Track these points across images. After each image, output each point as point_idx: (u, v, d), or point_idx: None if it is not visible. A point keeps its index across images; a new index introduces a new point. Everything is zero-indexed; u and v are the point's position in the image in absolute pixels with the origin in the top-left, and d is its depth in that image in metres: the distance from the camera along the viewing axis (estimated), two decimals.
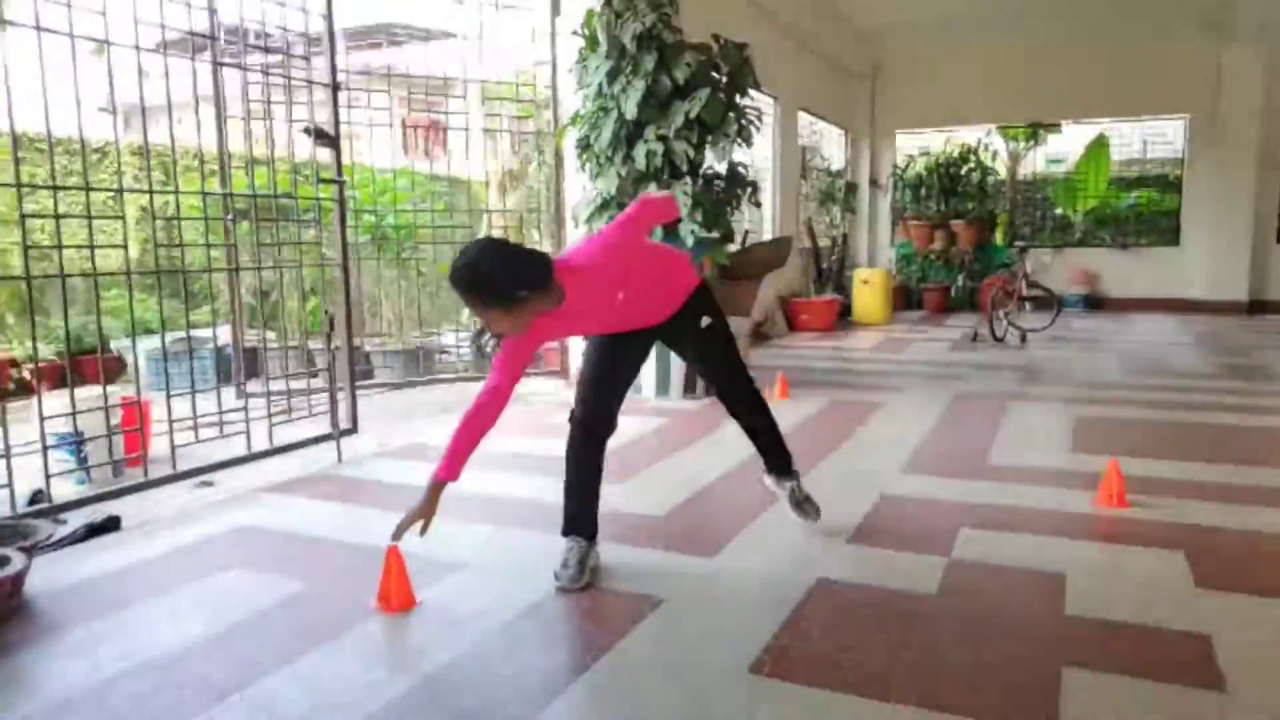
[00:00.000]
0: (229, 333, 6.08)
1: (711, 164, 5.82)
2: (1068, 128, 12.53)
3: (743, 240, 7.07)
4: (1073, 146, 12.73)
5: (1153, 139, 12.47)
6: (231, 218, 5.06)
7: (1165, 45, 10.98)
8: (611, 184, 5.53)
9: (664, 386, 5.62)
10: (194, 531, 3.28)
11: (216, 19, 4.49)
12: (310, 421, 4.45)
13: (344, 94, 5.90)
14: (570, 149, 5.97)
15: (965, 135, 12.52)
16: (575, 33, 5.72)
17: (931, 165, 12.32)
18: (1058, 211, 12.75)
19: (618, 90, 5.46)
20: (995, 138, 12.65)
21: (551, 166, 6.45)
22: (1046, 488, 3.70)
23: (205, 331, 6.45)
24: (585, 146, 5.70)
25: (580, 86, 5.72)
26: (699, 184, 5.61)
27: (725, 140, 5.52)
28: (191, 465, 3.83)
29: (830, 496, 3.60)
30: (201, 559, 3.01)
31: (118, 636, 2.44)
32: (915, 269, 12.14)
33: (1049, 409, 5.34)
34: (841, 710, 2.01)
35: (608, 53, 5.49)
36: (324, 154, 4.51)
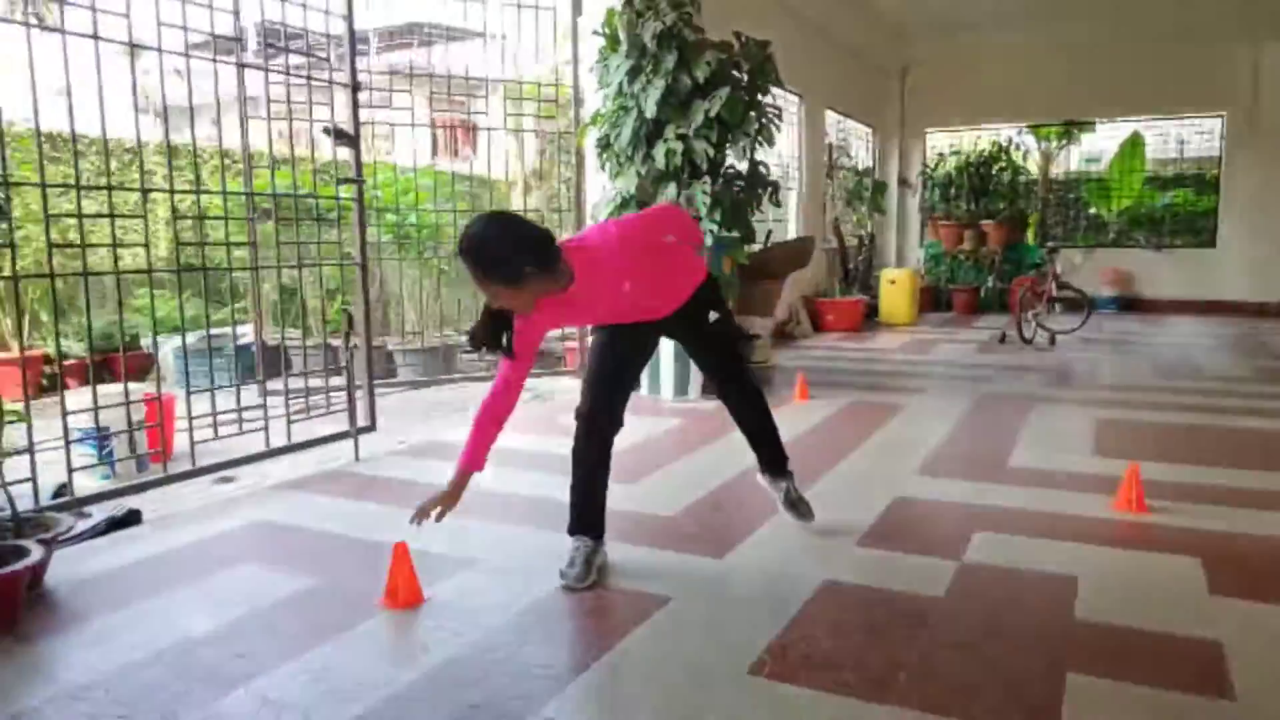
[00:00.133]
0: (269, 331, 6.19)
1: (732, 163, 5.81)
2: (1101, 126, 12.34)
3: (765, 240, 7.05)
4: (1106, 145, 12.53)
5: (1189, 137, 12.24)
6: (254, 217, 5.13)
7: (1201, 42, 10.78)
8: (631, 183, 5.54)
9: (682, 387, 5.62)
10: (211, 526, 3.34)
11: (240, 21, 4.55)
12: (330, 419, 4.51)
13: (370, 94, 5.98)
14: (591, 148, 5.99)
15: (996, 134, 12.38)
16: (596, 32, 5.74)
17: (962, 164, 12.20)
18: (1091, 211, 12.56)
19: (638, 89, 5.47)
20: (1027, 136, 12.48)
21: (574, 166, 6.48)
22: (1065, 491, 3.65)
23: (231, 329, 6.56)
24: (605, 146, 5.72)
25: (601, 86, 5.74)
26: (719, 183, 5.60)
27: (745, 139, 5.51)
28: (212, 461, 3.89)
29: (844, 498, 3.59)
30: (217, 553, 3.06)
31: (133, 627, 2.49)
32: (944, 269, 12.02)
33: (1073, 412, 5.27)
34: (838, 712, 2.00)
35: (628, 52, 5.50)
36: (347, 154, 4.55)
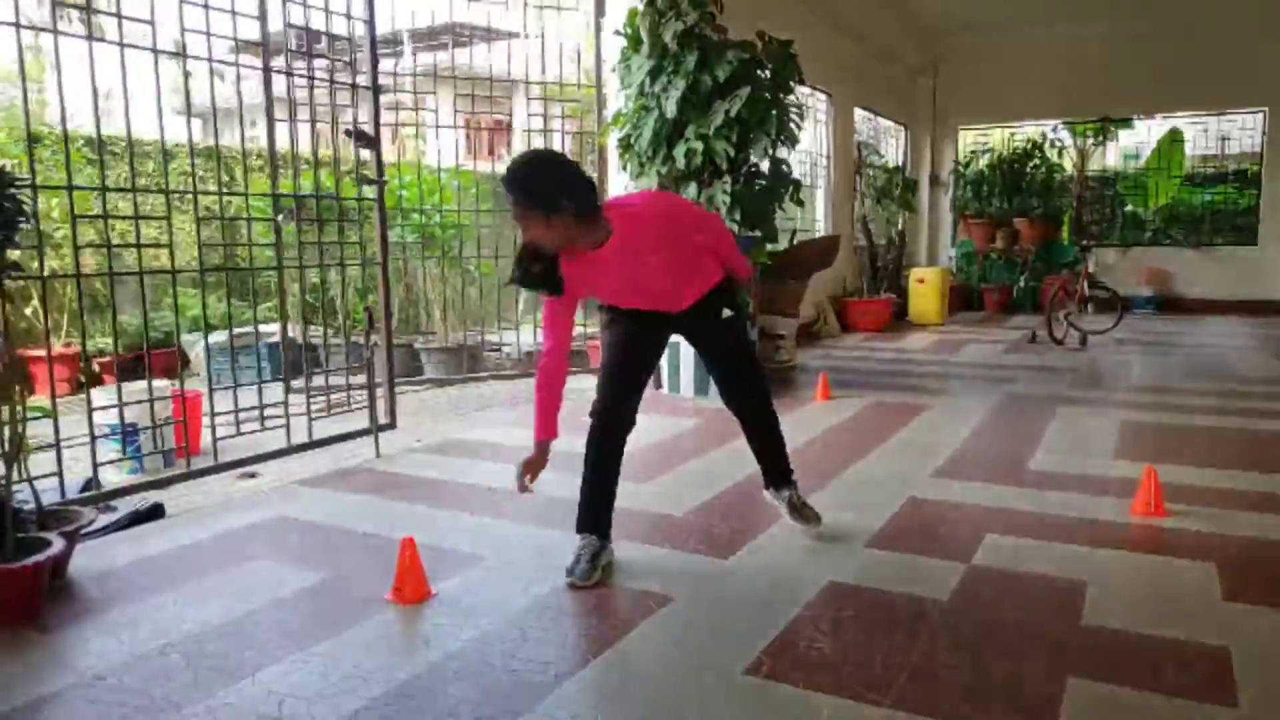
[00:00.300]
0: (294, 329, 6.29)
1: (755, 162, 5.80)
2: (1139, 122, 12.10)
3: (790, 239, 7.03)
4: (1144, 141, 12.29)
5: (1231, 133, 11.96)
6: (281, 218, 5.22)
7: (1242, 36, 10.53)
8: (652, 183, 5.56)
9: (703, 387, 5.62)
10: (231, 521, 3.41)
11: (266, 27, 4.64)
12: (352, 416, 4.58)
13: (394, 95, 6.06)
14: (613, 148, 6.02)
15: (1030, 130, 12.20)
16: (618, 32, 5.76)
17: (995, 161, 12.05)
18: (1128, 209, 12.33)
19: (658, 89, 5.49)
20: (1062, 133, 12.28)
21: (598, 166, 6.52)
22: (1083, 495, 3.60)
23: (264, 327, 6.68)
24: (627, 146, 5.73)
25: (623, 86, 5.76)
26: (739, 183, 5.59)
27: (766, 139, 5.49)
28: (235, 457, 3.98)
29: (856, 500, 3.58)
30: (234, 547, 3.13)
31: (149, 618, 2.55)
32: (976, 268, 11.88)
33: (1099, 414, 5.19)
34: (830, 713, 2.00)
35: (649, 52, 5.51)
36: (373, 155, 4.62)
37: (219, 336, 6.21)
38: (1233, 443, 4.51)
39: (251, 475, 4.16)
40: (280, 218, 5.25)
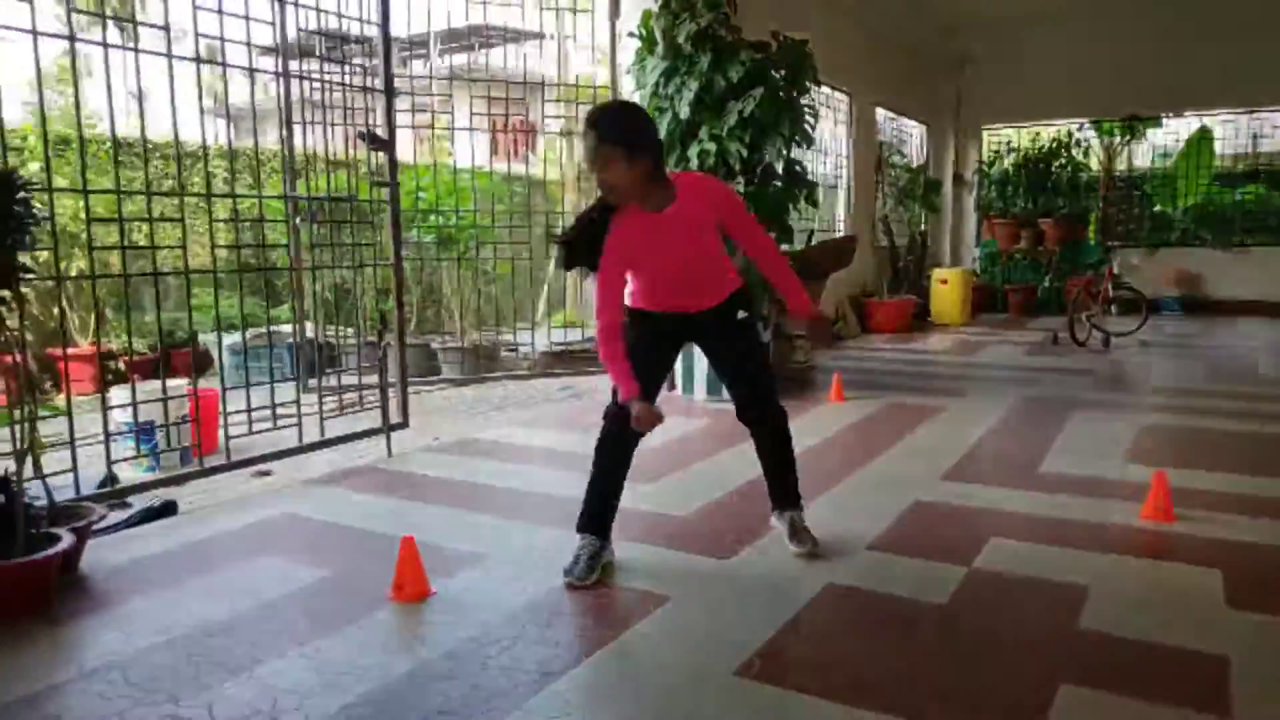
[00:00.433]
0: (310, 329, 6.36)
1: (770, 163, 5.78)
2: (1168, 121, 11.91)
3: (808, 240, 7.00)
4: (1173, 140, 12.09)
5: (1265, 131, 11.73)
6: (300, 219, 5.30)
7: (1274, 33, 10.33)
8: None
9: (715, 387, 5.62)
10: (241, 518, 3.47)
11: (282, 33, 4.71)
12: (366, 416, 4.63)
13: (411, 98, 6.12)
14: None
15: (1056, 129, 12.05)
16: (632, 34, 5.77)
17: (1019, 161, 11.92)
18: (1156, 209, 12.14)
19: (672, 91, 5.49)
20: (1088, 131, 12.11)
21: None
22: (1092, 499, 3.57)
23: (286, 328, 6.76)
24: None
25: (637, 88, 5.77)
26: (754, 184, 5.58)
27: (780, 140, 5.48)
28: (248, 456, 4.04)
29: (862, 502, 3.57)
30: (242, 544, 3.19)
31: (155, 613, 2.61)
32: (1000, 269, 11.76)
33: (1116, 417, 5.13)
34: (816, 715, 2.01)
35: (664, 54, 5.52)
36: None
37: (239, 336, 6.31)
38: (1250, 448, 4.44)
39: (265, 473, 4.23)
40: (298, 219, 5.34)
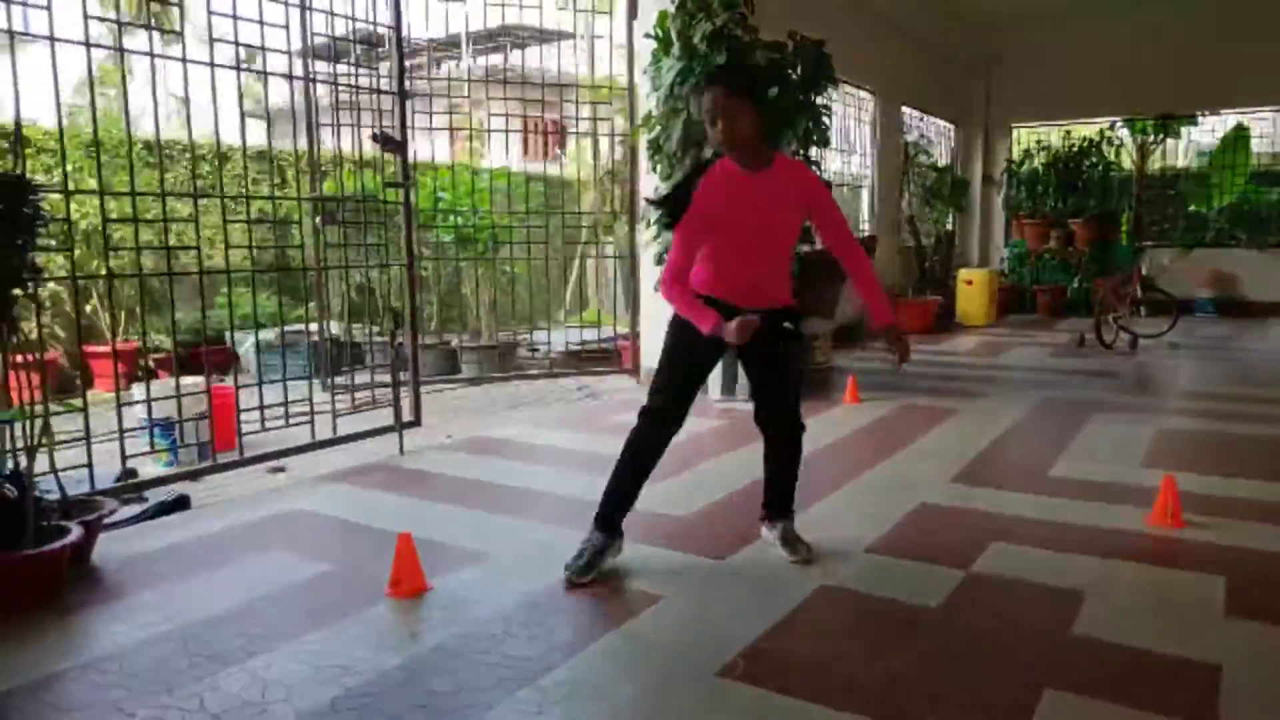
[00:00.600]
0: (335, 327, 6.48)
1: None
2: (1203, 119, 11.67)
3: None
4: (1208, 139, 11.86)
5: None
6: (321, 220, 5.37)
7: None
8: None
9: (729, 386, 5.62)
10: (251, 513, 3.54)
11: (295, 35, 4.79)
12: (381, 413, 4.69)
13: (429, 100, 6.19)
14: (643, 150, 6.04)
15: (1086, 128, 11.86)
16: (648, 35, 5.78)
17: (1049, 160, 11.75)
18: (1190, 209, 11.90)
19: (687, 91, 5.49)
20: (1120, 130, 11.91)
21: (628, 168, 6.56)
22: (1100, 504, 3.52)
23: (311, 326, 6.87)
24: (656, 148, 5.75)
25: (653, 88, 5.77)
26: None
27: (795, 140, 5.47)
28: (262, 452, 4.12)
29: (866, 504, 3.56)
30: (250, 539, 3.25)
31: (160, 605, 2.67)
32: (1028, 269, 11.61)
33: (1135, 420, 5.05)
34: (793, 717, 2.01)
35: (679, 54, 5.53)
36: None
37: (266, 334, 6.42)
38: (1271, 453, 4.35)
39: (280, 470, 4.31)
40: (318, 220, 5.42)
